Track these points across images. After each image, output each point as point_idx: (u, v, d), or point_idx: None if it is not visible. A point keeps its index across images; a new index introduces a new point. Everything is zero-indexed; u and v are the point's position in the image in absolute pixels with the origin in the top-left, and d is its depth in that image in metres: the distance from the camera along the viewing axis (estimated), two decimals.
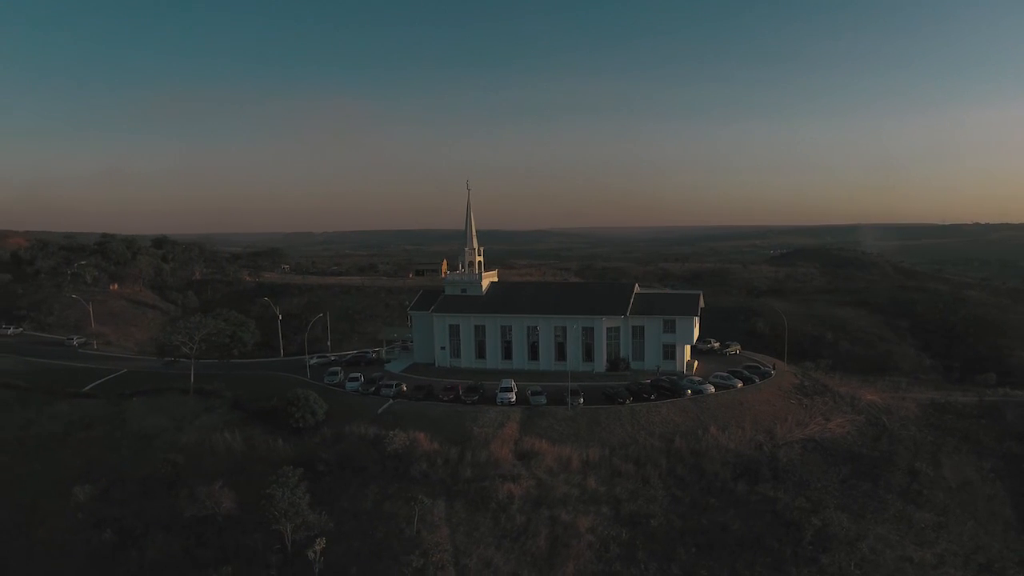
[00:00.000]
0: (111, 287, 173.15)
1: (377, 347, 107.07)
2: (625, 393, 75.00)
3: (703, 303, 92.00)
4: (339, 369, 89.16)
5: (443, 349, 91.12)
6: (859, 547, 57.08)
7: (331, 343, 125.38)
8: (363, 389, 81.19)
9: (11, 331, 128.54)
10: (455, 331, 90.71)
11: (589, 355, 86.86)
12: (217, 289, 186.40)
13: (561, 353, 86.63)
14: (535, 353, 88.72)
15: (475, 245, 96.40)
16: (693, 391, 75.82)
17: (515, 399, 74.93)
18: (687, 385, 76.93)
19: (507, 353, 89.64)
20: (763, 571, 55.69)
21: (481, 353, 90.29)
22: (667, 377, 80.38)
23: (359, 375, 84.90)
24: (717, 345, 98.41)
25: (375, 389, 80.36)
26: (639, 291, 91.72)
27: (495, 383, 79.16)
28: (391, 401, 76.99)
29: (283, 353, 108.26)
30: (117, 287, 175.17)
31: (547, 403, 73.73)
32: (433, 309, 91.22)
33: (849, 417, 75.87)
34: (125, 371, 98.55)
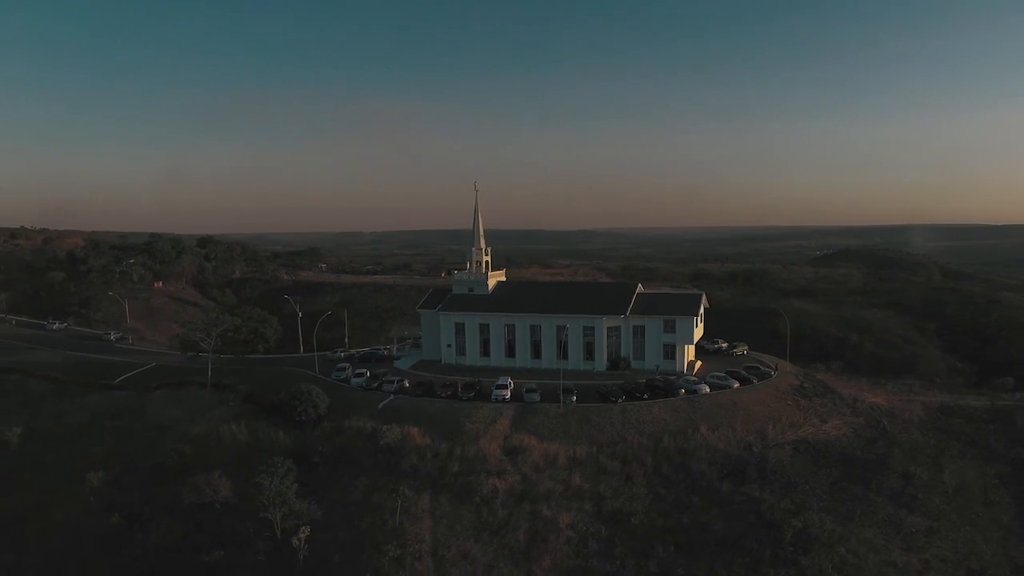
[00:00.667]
0: (155, 285, 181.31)
1: (391, 344, 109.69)
2: (619, 392, 75.42)
3: (706, 304, 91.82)
4: (347, 365, 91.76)
5: (449, 347, 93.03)
6: (838, 550, 56.68)
7: (359, 340, 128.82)
8: (367, 385, 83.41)
9: (56, 326, 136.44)
10: (460, 329, 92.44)
11: (590, 354, 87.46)
12: (255, 287, 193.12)
13: (563, 352, 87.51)
14: (538, 351, 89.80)
15: (482, 245, 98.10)
16: (687, 391, 75.74)
17: (510, 396, 76.12)
18: (681, 385, 76.90)
19: (510, 351, 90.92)
20: (741, 571, 55.71)
21: (485, 351, 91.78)
22: (662, 376, 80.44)
23: (365, 371, 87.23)
24: (725, 345, 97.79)
25: (378, 385, 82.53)
26: (641, 291, 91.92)
27: (494, 380, 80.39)
28: (392, 397, 79.07)
29: (303, 350, 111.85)
30: (161, 285, 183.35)
31: (541, 400, 74.57)
32: (439, 308, 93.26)
33: (847, 419, 74.67)
34: (154, 365, 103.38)
